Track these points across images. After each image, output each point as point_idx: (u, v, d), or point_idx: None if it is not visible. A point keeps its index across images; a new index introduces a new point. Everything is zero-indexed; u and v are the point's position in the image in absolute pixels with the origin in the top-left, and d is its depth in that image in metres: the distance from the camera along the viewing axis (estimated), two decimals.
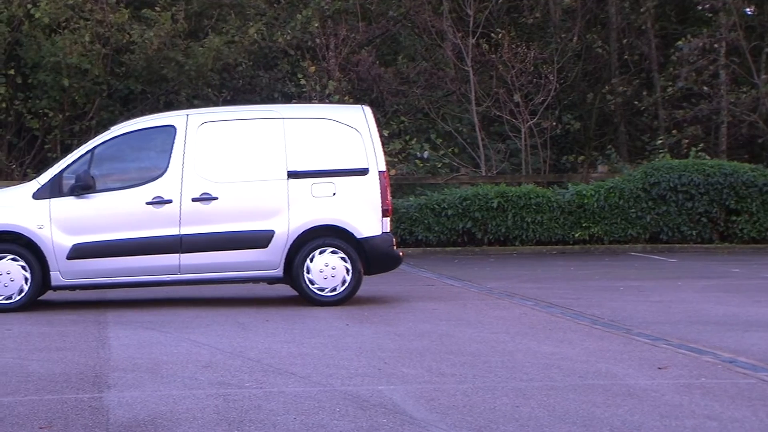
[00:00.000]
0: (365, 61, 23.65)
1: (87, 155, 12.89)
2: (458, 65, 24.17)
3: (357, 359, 9.40)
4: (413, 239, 20.96)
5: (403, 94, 24.35)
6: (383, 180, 13.06)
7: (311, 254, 12.82)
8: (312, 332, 10.90)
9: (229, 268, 12.76)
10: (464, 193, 21.05)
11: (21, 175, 21.88)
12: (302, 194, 12.87)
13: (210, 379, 8.62)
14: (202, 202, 12.76)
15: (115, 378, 8.72)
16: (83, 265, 12.57)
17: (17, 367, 9.17)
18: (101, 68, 22.01)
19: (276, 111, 13.42)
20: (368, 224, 12.94)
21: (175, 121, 13.08)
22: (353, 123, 13.19)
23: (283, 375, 8.77)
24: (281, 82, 23.37)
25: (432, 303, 13.15)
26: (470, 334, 10.76)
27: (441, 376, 8.71)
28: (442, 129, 24.28)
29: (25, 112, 22.16)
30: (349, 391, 8.16)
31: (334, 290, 12.87)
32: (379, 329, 11.08)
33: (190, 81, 22.34)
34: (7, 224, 12.60)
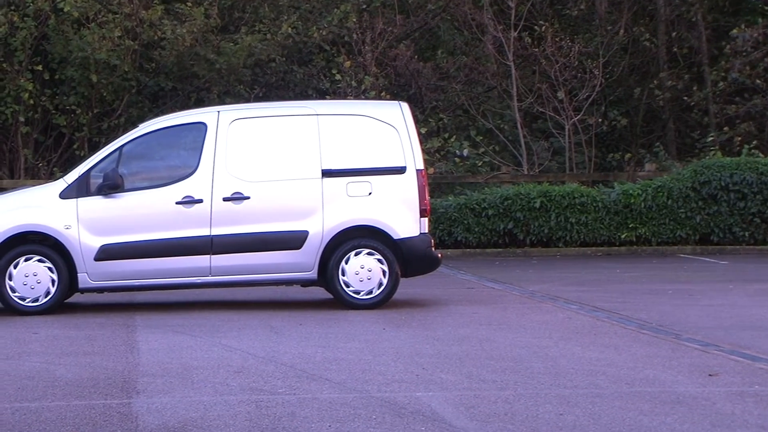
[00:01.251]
0: (403, 55, 23.64)
1: (115, 153, 12.96)
2: (499, 60, 24.12)
3: (394, 365, 9.40)
4: (452, 240, 20.94)
5: (442, 89, 24.33)
6: (421, 179, 13.05)
7: (346, 256, 12.83)
8: (347, 336, 10.91)
9: (262, 270, 12.79)
10: (505, 192, 21.00)
11: (48, 174, 22.04)
12: (337, 193, 12.88)
13: (242, 385, 8.64)
14: (233, 202, 12.80)
15: (144, 383, 8.77)
16: (111, 267, 12.64)
17: (44, 372, 9.24)
18: (130, 64, 22.14)
19: (310, 107, 13.44)
20: (405, 225, 12.93)
21: (206, 118, 13.12)
22: (390, 120, 13.19)
23: (318, 381, 8.78)
24: (316, 78, 23.41)
25: (472, 306, 13.13)
26: (512, 338, 10.73)
27: (481, 382, 8.69)
28: (482, 126, 24.24)
29: (52, 109, 22.31)
30: (386, 398, 8.16)
31: (370, 293, 12.88)
32: (416, 333, 11.08)
33: (221, 78, 22.43)
34: (33, 225, 12.69)
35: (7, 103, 21.87)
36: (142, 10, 22.03)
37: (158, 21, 22.24)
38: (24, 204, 12.87)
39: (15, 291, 12.59)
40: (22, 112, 21.93)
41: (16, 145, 22.39)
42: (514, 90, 23.65)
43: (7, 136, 22.50)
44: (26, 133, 22.36)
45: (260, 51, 22.53)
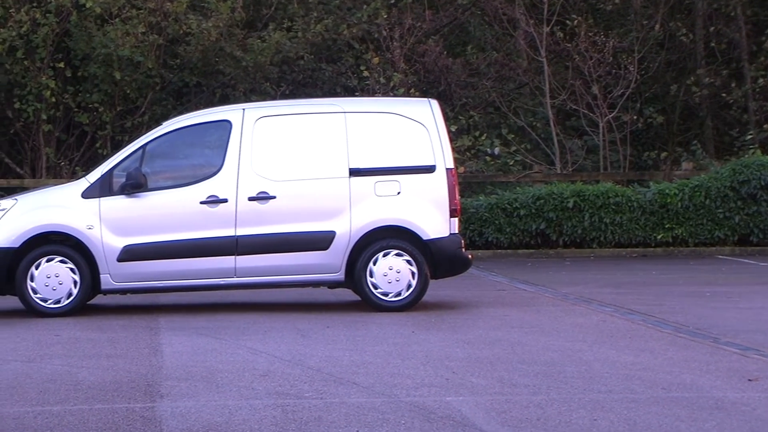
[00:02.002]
0: (432, 51, 23.62)
1: (138, 152, 13.00)
2: (531, 55, 24.07)
3: (423, 368, 9.40)
4: (483, 241, 20.91)
5: (473, 86, 24.30)
6: (451, 178, 13.04)
7: (375, 257, 12.83)
8: (375, 339, 10.91)
9: (288, 272, 12.81)
10: (538, 191, 20.95)
11: (70, 173, 22.14)
12: (365, 193, 12.89)
13: (268, 389, 8.66)
14: (259, 202, 12.82)
15: (168, 387, 8.79)
16: (134, 268, 12.68)
17: (66, 375, 9.28)
18: (154, 60, 22.21)
19: (337, 105, 13.45)
20: (435, 225, 12.93)
21: (231, 116, 13.15)
22: (419, 117, 13.18)
23: (345, 385, 8.79)
24: (344, 75, 23.42)
25: (503, 309, 13.11)
26: (544, 342, 10.71)
27: (513, 386, 8.67)
28: (514, 124, 24.20)
29: (74, 107, 22.40)
30: (415, 403, 8.15)
31: (399, 295, 12.87)
32: (446, 337, 11.07)
33: (246, 75, 22.47)
34: (55, 224, 12.74)
35: (29, 101, 21.97)
36: (167, 4, 22.09)
37: (183, 15, 22.30)
38: (46, 204, 12.94)
39: (37, 292, 12.65)
40: (44, 110, 22.03)
41: (38, 143, 22.49)
42: (547, 86, 23.59)
43: (29, 134, 22.61)
44: (48, 132, 22.46)
45: (288, 49, 22.55)
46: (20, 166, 22.71)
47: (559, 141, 23.61)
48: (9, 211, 12.78)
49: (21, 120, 22.31)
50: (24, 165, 22.74)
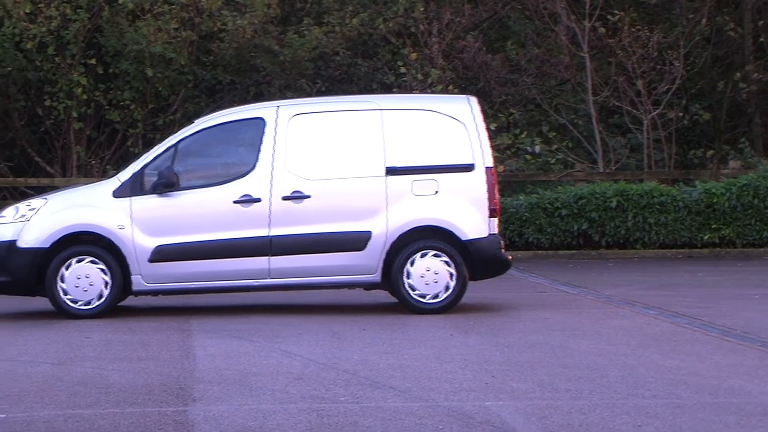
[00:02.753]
0: (471, 47, 23.58)
1: (170, 150, 13.06)
2: (573, 51, 23.98)
3: (462, 372, 9.39)
4: (523, 241, 20.86)
5: (513, 83, 24.24)
6: (490, 177, 13.02)
7: (412, 258, 12.83)
8: (412, 342, 10.91)
9: (323, 273, 12.82)
10: (580, 191, 20.89)
11: (100, 172, 22.25)
12: (402, 192, 12.89)
13: (302, 393, 8.67)
14: (293, 201, 12.85)
15: (200, 390, 8.82)
16: (166, 269, 12.73)
17: (97, 378, 9.33)
18: (187, 57, 22.29)
19: (374, 102, 13.45)
20: (474, 225, 12.91)
21: (265, 114, 13.18)
22: (458, 115, 13.17)
23: (381, 389, 8.79)
24: (380, 71, 23.43)
25: (544, 311, 13.08)
26: (586, 345, 10.67)
27: (554, 391, 8.65)
28: (555, 121, 24.11)
29: (105, 104, 22.52)
30: (453, 407, 8.14)
31: (437, 297, 12.86)
32: (485, 340, 11.05)
33: (282, 71, 22.51)
34: (86, 224, 12.82)
35: (59, 98, 22.10)
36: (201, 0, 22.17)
37: (217, 11, 22.36)
38: (76, 203, 13.01)
39: (67, 293, 12.73)
40: (75, 107, 22.15)
41: (69, 141, 22.63)
42: (589, 83, 23.50)
43: (60, 132, 22.75)
44: (79, 130, 22.58)
45: (325, 44, 22.58)
46: (50, 164, 22.85)
47: (602, 139, 23.50)
48: (39, 210, 12.87)
49: (51, 118, 22.45)
50: (54, 164, 22.88)
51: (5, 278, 12.80)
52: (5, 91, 22.49)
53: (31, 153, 22.83)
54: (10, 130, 23.01)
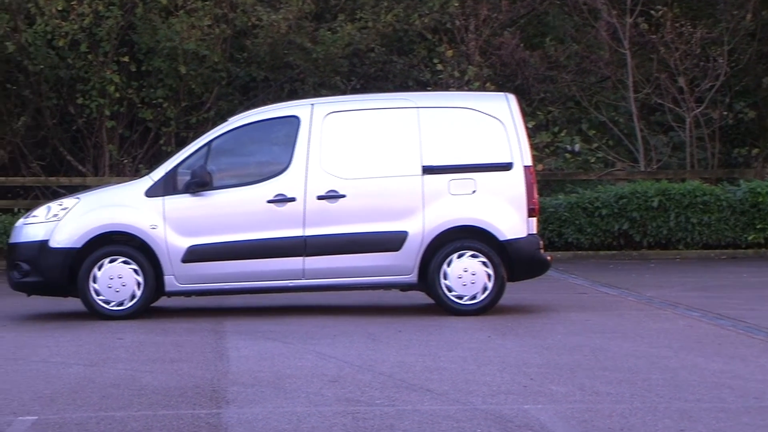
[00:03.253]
0: (508, 43, 23.53)
1: (203, 149, 13.10)
2: (614, 47, 23.89)
3: (500, 375, 9.37)
4: (562, 242, 20.81)
5: (551, 80, 24.16)
6: (529, 176, 12.99)
7: (449, 258, 12.82)
8: (449, 344, 10.90)
9: (358, 273, 12.83)
10: (620, 190, 20.82)
11: (133, 171, 22.34)
12: (439, 191, 12.88)
13: (337, 395, 8.67)
14: (328, 201, 12.86)
15: (234, 392, 8.85)
16: (199, 269, 12.78)
17: (130, 380, 9.37)
18: (220, 54, 22.33)
19: (410, 99, 13.45)
20: (512, 225, 12.89)
21: (299, 112, 13.20)
22: (495, 113, 13.15)
23: (418, 391, 8.78)
24: (416, 68, 23.41)
25: (584, 313, 13.04)
26: (627, 348, 10.64)
27: (595, 394, 8.62)
28: (595, 119, 24.03)
29: (138, 102, 22.60)
30: (491, 410, 8.13)
31: (474, 298, 12.85)
32: (524, 342, 11.03)
33: (317, 68, 22.53)
34: (118, 224, 12.88)
35: (92, 96, 22.19)
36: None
37: (251, 7, 22.41)
38: (108, 203, 13.08)
39: (99, 294, 12.79)
40: (108, 105, 22.24)
41: (101, 140, 22.73)
42: (630, 80, 23.40)
43: (92, 131, 22.85)
44: (111, 128, 22.67)
45: (360, 41, 22.58)
46: (82, 163, 22.96)
47: (643, 137, 23.40)
48: (71, 210, 12.94)
49: (84, 116, 22.55)
50: (86, 162, 22.98)
51: (37, 278, 12.88)
52: (37, 90, 22.62)
53: (63, 152, 22.95)
54: (42, 128, 23.14)
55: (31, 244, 12.88)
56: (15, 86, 22.90)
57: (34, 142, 23.29)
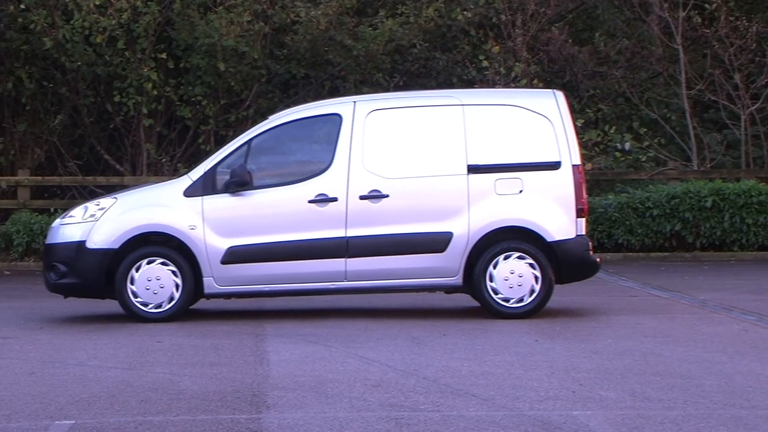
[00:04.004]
0: (557, 39, 23.48)
1: (243, 148, 13.15)
2: (666, 42, 23.78)
3: (547, 380, 9.35)
4: (612, 243, 20.74)
5: (601, 76, 24.09)
6: (578, 175, 12.96)
7: (495, 260, 12.81)
8: (496, 348, 10.89)
9: (401, 275, 12.85)
10: (672, 190, 20.73)
11: (171, 170, 22.46)
12: (484, 191, 12.87)
13: (380, 400, 8.69)
14: (370, 201, 12.88)
15: (274, 397, 8.88)
16: (239, 271, 12.82)
17: (168, 384, 9.42)
18: (260, 51, 22.40)
19: (454, 97, 13.45)
20: (560, 226, 12.87)
21: (341, 109, 13.23)
22: (543, 110, 13.13)
23: (463, 397, 8.78)
24: (461, 65, 23.40)
25: (635, 317, 12.99)
26: (680, 352, 10.59)
27: (646, 400, 8.59)
28: (646, 116, 23.93)
29: (176, 100, 22.71)
30: (539, 416, 8.12)
31: (521, 301, 12.83)
32: (572, 346, 11.01)
33: (357, 65, 22.56)
34: (156, 224, 12.94)
35: (129, 94, 22.32)
36: None
37: (291, 2, 22.47)
38: (146, 202, 13.15)
39: (137, 296, 12.86)
40: (145, 103, 22.37)
41: (139, 139, 22.86)
42: (683, 76, 23.29)
43: (129, 129, 22.99)
44: (149, 126, 22.79)
45: (401, 37, 22.59)
46: (120, 162, 23.11)
47: (696, 135, 23.29)
48: (108, 210, 13.02)
49: (121, 114, 22.69)
50: (124, 162, 23.13)
51: (74, 280, 12.97)
52: (74, 87, 22.80)
53: (100, 151, 23.10)
54: (79, 127, 23.32)
55: (68, 245, 12.97)
56: (51, 84, 23.10)
57: (70, 141, 23.48)
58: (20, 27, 22.55)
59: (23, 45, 22.67)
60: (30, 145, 23.20)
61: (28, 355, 11.02)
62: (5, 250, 21.09)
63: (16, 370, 10.16)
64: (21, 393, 9.17)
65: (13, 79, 22.72)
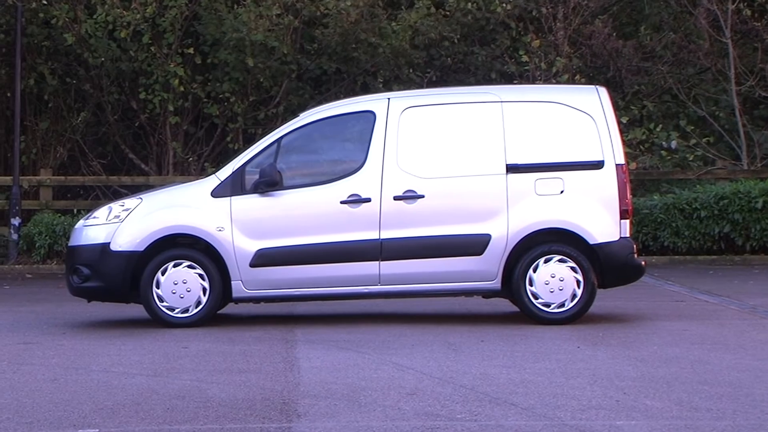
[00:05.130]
0: (600, 32, 23.44)
1: (273, 146, 13.18)
2: (714, 36, 23.71)
3: (590, 388, 9.34)
4: (658, 246, 20.70)
5: (646, 71, 24.04)
6: (622, 175, 12.94)
7: (535, 263, 12.79)
8: (536, 355, 10.89)
9: (437, 279, 12.85)
10: (721, 190, 20.66)
11: (198, 170, 22.56)
12: (524, 191, 12.86)
13: (416, 409, 8.70)
14: (405, 201, 12.89)
15: (305, 405, 8.90)
16: (268, 274, 12.85)
17: (195, 391, 9.46)
18: (290, 45, 22.45)
19: (493, 93, 13.44)
20: (603, 228, 12.85)
21: (375, 106, 13.25)
22: (585, 107, 13.11)
23: (502, 405, 8.78)
24: (499, 59, 23.40)
25: (681, 322, 12.96)
26: (729, 360, 10.56)
27: (693, 410, 8.57)
28: (693, 113, 23.86)
29: (203, 97, 22.79)
30: (581, 427, 8.11)
31: (562, 306, 12.81)
32: (616, 353, 10.99)
33: (388, 62, 22.57)
34: (183, 226, 12.99)
35: (155, 90, 22.42)
36: None
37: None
38: (172, 203, 13.19)
39: (163, 300, 12.91)
40: (172, 100, 22.46)
41: (165, 137, 22.97)
42: (732, 71, 23.21)
43: (155, 127, 23.10)
44: (175, 124, 22.90)
45: (429, 29, 22.56)
46: (145, 162, 23.22)
47: (746, 133, 23.20)
48: (133, 211, 13.08)
49: (146, 112, 22.81)
50: (149, 161, 23.24)
51: (98, 284, 13.03)
52: (98, 84, 22.93)
53: (125, 149, 23.23)
54: (103, 125, 23.45)
55: (92, 247, 13.03)
56: (75, 80, 23.26)
57: (94, 139, 23.62)
58: (42, 22, 22.70)
59: (45, 40, 22.83)
60: (52, 143, 23.36)
61: (50, 361, 11.09)
62: (27, 253, 21.24)
63: (38, 377, 10.23)
64: (43, 400, 9.23)
65: (35, 75, 22.89)
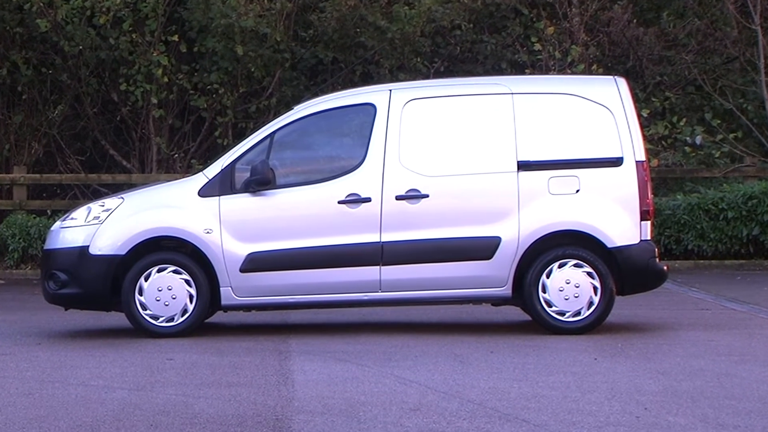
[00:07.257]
0: (619, 19, 23.47)
1: (265, 142, 13.21)
2: (742, 23, 23.73)
3: (608, 404, 9.36)
4: (681, 249, 20.72)
5: (669, 61, 24.07)
6: (642, 173, 12.96)
7: (548, 268, 12.82)
8: (549, 368, 10.91)
9: (443, 285, 12.88)
10: (749, 189, 20.69)
11: (184, 167, 22.57)
12: (537, 191, 12.89)
13: (420, 426, 8.71)
14: (408, 201, 12.91)
15: (300, 422, 8.91)
16: (260, 280, 12.88)
17: (181, 406, 9.48)
18: (283, 32, 22.46)
19: (503, 84, 13.47)
20: (622, 230, 12.87)
21: (375, 98, 13.27)
22: (603, 99, 13.14)
23: (513, 422, 8.80)
24: (511, 48, 23.42)
25: (706, 332, 12.98)
26: (758, 373, 10.58)
27: (720, 427, 8.59)
28: (720, 107, 23.88)
29: (190, 89, 22.79)
30: None
31: (578, 314, 12.84)
32: (636, 365, 11.01)
33: (393, 49, 22.58)
34: (168, 228, 13.01)
35: (137, 81, 22.42)
36: None
37: None
38: (157, 203, 13.22)
39: (146, 308, 12.93)
40: (155, 92, 22.47)
41: (148, 132, 22.98)
42: (761, 61, 23.23)
43: (138, 121, 23.10)
44: (160, 118, 22.90)
45: (441, 16, 22.59)
46: (127, 158, 23.24)
47: None
48: (114, 211, 13.10)
49: (128, 104, 22.81)
50: (131, 157, 23.26)
51: (76, 290, 13.05)
52: (75, 74, 22.94)
53: (105, 145, 23.24)
54: (81, 118, 23.45)
55: (69, 251, 13.06)
56: (51, 70, 23.25)
57: (72, 135, 23.62)
58: (14, 7, 22.70)
59: (18, 27, 22.82)
60: (27, 138, 23.36)
61: (24, 374, 11.11)
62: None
63: (12, 391, 10.24)
64: (17, 416, 9.24)
65: (8, 65, 22.89)
